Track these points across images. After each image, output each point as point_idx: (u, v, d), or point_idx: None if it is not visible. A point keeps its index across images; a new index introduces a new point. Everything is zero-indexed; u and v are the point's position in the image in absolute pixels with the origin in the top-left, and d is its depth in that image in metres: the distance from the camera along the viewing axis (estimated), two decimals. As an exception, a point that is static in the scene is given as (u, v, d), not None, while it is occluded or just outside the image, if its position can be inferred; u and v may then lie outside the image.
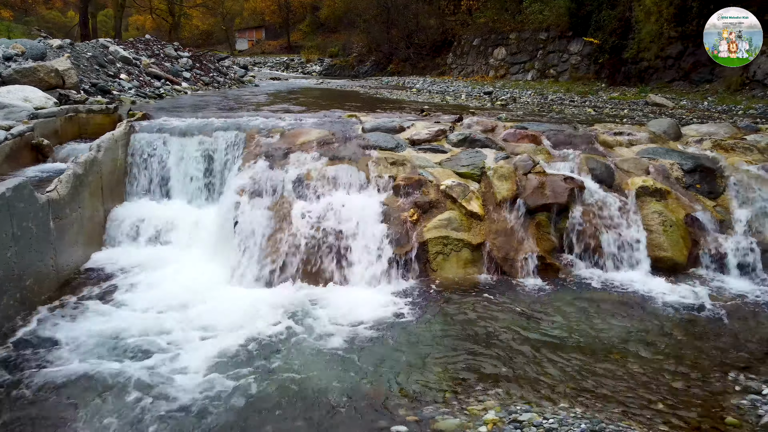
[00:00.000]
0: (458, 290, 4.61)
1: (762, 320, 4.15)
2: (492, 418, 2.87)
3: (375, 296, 4.47)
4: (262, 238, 4.82)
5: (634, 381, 3.32)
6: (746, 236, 5.04)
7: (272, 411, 3.02)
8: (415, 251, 4.83)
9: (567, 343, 3.80)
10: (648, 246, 4.96)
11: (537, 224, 5.08)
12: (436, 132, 6.21)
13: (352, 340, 3.81)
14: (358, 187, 5.35)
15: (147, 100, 9.84)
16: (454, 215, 5.05)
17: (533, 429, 2.77)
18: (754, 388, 3.17)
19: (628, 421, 2.89)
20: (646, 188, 5.27)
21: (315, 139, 6.04)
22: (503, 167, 5.44)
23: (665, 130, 6.55)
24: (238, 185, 5.33)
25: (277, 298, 4.36)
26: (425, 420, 2.90)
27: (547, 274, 4.86)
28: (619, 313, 4.27)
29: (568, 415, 2.91)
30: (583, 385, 3.27)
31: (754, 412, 2.95)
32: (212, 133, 6.26)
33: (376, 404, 3.08)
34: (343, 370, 3.43)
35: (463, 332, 3.94)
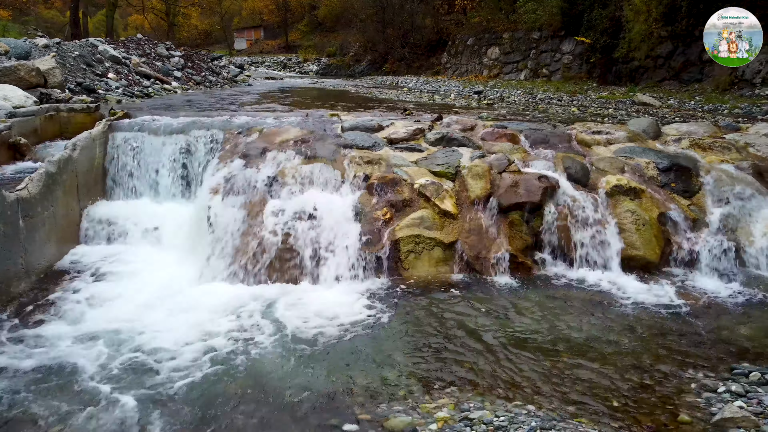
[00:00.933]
0: (428, 289, 4.61)
1: (728, 319, 4.15)
2: (443, 415, 2.87)
3: (344, 295, 4.47)
4: (233, 237, 4.83)
5: (592, 379, 3.32)
6: (719, 235, 5.04)
7: (228, 408, 3.02)
8: (386, 250, 4.83)
9: (532, 341, 3.80)
10: (620, 245, 4.96)
11: (510, 223, 5.08)
12: (413, 131, 6.21)
13: (316, 338, 3.81)
14: (332, 186, 5.36)
15: (134, 99, 9.85)
16: (426, 214, 5.05)
17: (483, 427, 2.77)
18: (710, 386, 3.17)
19: (580, 419, 2.89)
20: (620, 187, 5.27)
21: (293, 138, 6.05)
22: (478, 166, 5.44)
23: (644, 129, 6.55)
24: (212, 184, 5.34)
25: (245, 296, 4.37)
26: (377, 418, 2.90)
27: (519, 273, 4.86)
28: (587, 311, 4.27)
29: (521, 413, 2.91)
30: (541, 383, 3.27)
31: (708, 410, 2.95)
32: (191, 132, 6.27)
33: (332, 402, 3.08)
34: (304, 368, 3.43)
35: (429, 330, 3.95)
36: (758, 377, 3.19)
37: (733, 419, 2.78)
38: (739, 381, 3.20)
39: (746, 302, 4.43)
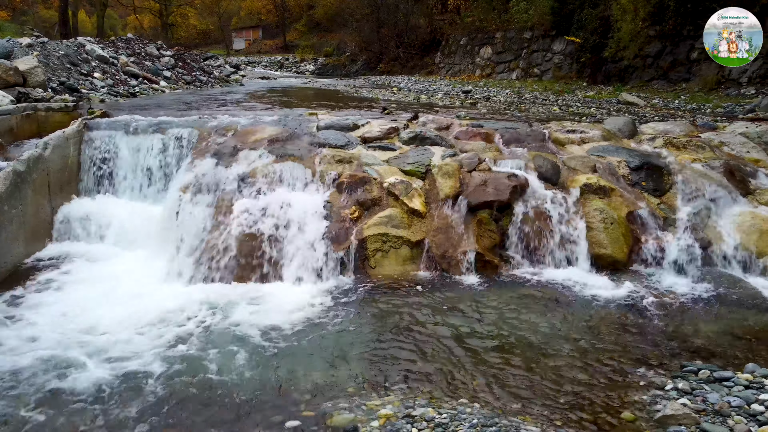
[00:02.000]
0: (393, 287, 4.62)
1: (689, 318, 4.15)
2: (386, 413, 2.87)
3: (308, 293, 4.48)
4: (199, 236, 4.83)
5: (544, 377, 3.32)
6: (687, 234, 5.04)
7: (174, 405, 3.03)
8: (353, 248, 4.83)
9: (489, 340, 3.80)
10: (588, 243, 4.96)
11: (478, 221, 5.08)
12: (387, 130, 6.22)
13: (275, 336, 3.82)
14: (302, 185, 5.36)
15: (118, 98, 9.86)
16: (395, 213, 5.06)
17: (424, 424, 2.77)
18: (658, 383, 3.17)
19: (524, 417, 2.90)
20: (590, 186, 5.27)
21: (267, 137, 6.06)
22: (448, 165, 5.44)
23: (620, 128, 6.56)
24: (182, 182, 5.35)
25: (209, 295, 4.37)
26: (321, 415, 2.91)
27: (486, 271, 4.86)
28: (549, 310, 4.28)
29: (465, 411, 2.91)
30: (492, 381, 3.27)
31: (653, 408, 2.95)
32: (166, 131, 6.28)
33: (279, 400, 3.09)
34: (258, 366, 3.44)
35: (388, 329, 3.95)
36: (707, 375, 3.20)
37: (675, 416, 2.78)
38: (688, 378, 3.20)
39: (710, 301, 4.44)
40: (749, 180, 5.63)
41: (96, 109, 7.23)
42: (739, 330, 3.95)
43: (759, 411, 2.77)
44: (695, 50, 12.68)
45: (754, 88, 10.82)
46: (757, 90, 10.68)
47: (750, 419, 2.72)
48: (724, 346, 3.71)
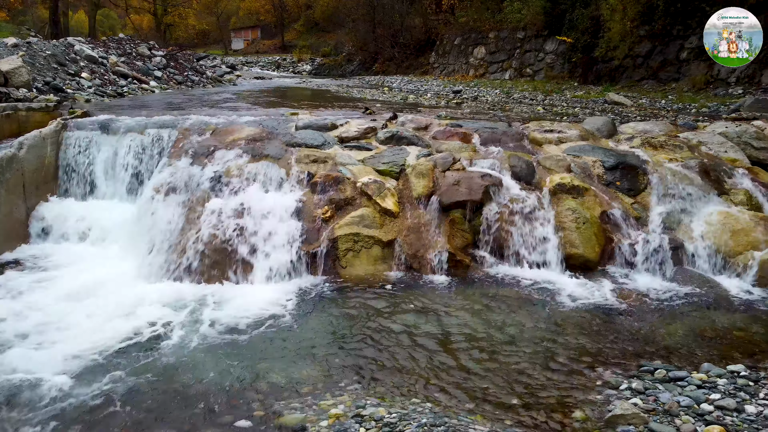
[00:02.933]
0: (363, 287, 4.62)
1: (655, 317, 4.15)
2: (337, 412, 2.88)
3: (276, 293, 4.48)
4: (171, 235, 4.84)
5: (502, 376, 3.32)
6: (660, 234, 5.04)
7: (130, 404, 3.03)
8: (324, 248, 4.83)
9: (453, 339, 3.80)
10: (560, 243, 4.96)
11: (451, 221, 5.08)
12: (365, 130, 6.22)
13: (236, 335, 3.82)
14: (276, 184, 5.36)
15: (104, 98, 9.87)
16: (367, 212, 5.06)
17: (373, 423, 2.77)
18: (613, 383, 3.17)
19: (475, 416, 2.90)
20: (563, 185, 5.27)
21: (245, 136, 6.06)
22: (422, 164, 5.44)
23: (599, 127, 6.55)
24: (157, 182, 5.36)
25: (176, 294, 4.38)
26: (272, 414, 2.91)
27: (457, 271, 4.86)
28: (517, 309, 4.27)
29: (416, 410, 2.91)
30: (449, 380, 3.27)
31: (605, 408, 2.94)
32: (145, 131, 6.29)
33: (234, 399, 3.09)
34: (216, 366, 3.44)
35: (353, 328, 3.95)
36: (663, 374, 3.19)
37: (624, 416, 2.78)
38: (644, 378, 3.20)
39: (679, 300, 4.43)
40: (725, 180, 5.63)
41: (77, 109, 7.23)
42: (703, 330, 3.95)
43: (707, 411, 2.77)
44: (685, 50, 12.68)
45: (741, 88, 10.81)
46: (744, 90, 10.67)
47: (698, 419, 2.72)
48: (686, 346, 3.71)
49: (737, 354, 3.56)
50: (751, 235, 4.86)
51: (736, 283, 4.65)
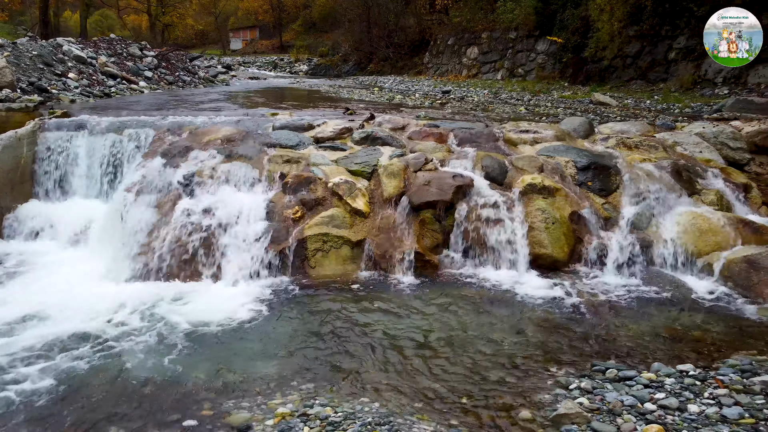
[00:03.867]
0: (330, 287, 4.63)
1: (618, 317, 4.16)
2: (284, 411, 2.89)
3: (244, 292, 4.50)
4: (140, 235, 4.86)
5: (455, 377, 3.33)
6: (629, 234, 5.05)
7: (81, 403, 3.05)
8: (292, 248, 4.85)
9: (413, 340, 3.81)
10: (528, 243, 4.97)
11: (421, 221, 5.10)
12: (340, 130, 6.24)
13: (199, 335, 3.84)
14: (249, 185, 5.38)
15: (90, 99, 9.90)
16: (337, 212, 5.07)
17: (318, 422, 2.79)
18: (563, 383, 3.18)
19: (421, 415, 2.91)
20: (534, 186, 5.28)
21: (221, 137, 6.08)
22: (393, 165, 5.46)
23: (575, 128, 6.57)
24: (129, 182, 5.38)
25: (143, 293, 4.40)
26: (220, 414, 2.93)
27: (426, 271, 4.88)
28: (481, 310, 4.29)
29: (363, 409, 2.93)
30: (402, 380, 3.29)
31: (553, 407, 2.96)
32: (123, 132, 6.31)
33: (185, 398, 3.10)
34: (175, 365, 3.45)
35: (316, 328, 3.97)
36: (614, 374, 3.21)
37: (568, 415, 2.79)
38: (595, 378, 3.21)
39: (644, 300, 4.45)
40: (697, 180, 5.64)
41: (57, 110, 7.27)
42: (664, 330, 3.96)
43: (650, 410, 2.79)
44: (673, 50, 12.69)
45: (727, 88, 10.82)
46: (730, 90, 10.68)
47: (639, 418, 2.73)
48: (644, 346, 3.71)
49: (692, 354, 3.57)
50: (719, 235, 4.87)
51: (702, 283, 4.65)
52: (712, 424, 2.67)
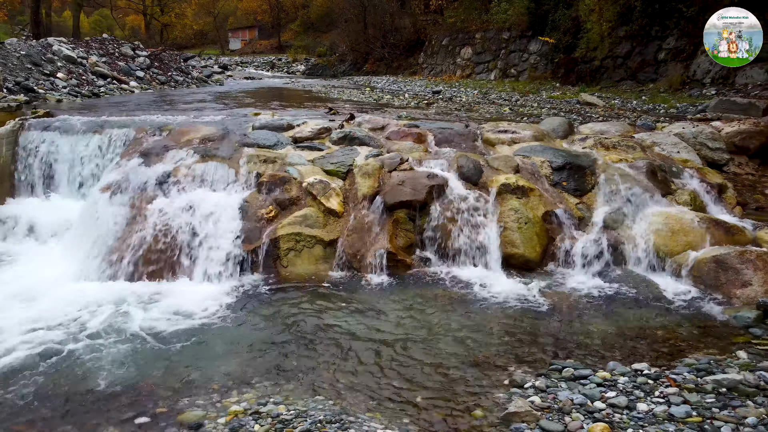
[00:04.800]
0: (301, 286, 4.65)
1: (585, 316, 4.18)
2: (236, 409, 2.91)
3: (215, 291, 4.52)
4: (113, 234, 4.88)
5: (413, 376, 3.34)
6: (600, 234, 5.06)
7: (38, 401, 3.07)
8: (265, 248, 4.87)
9: (378, 339, 3.83)
10: (501, 243, 4.99)
11: (395, 221, 5.11)
12: (319, 130, 6.26)
13: (165, 334, 3.85)
14: (224, 184, 5.41)
15: (78, 98, 9.93)
16: (311, 212, 5.09)
17: (269, 420, 2.81)
18: (519, 382, 3.19)
19: (373, 413, 2.93)
20: (508, 185, 5.29)
21: (200, 136, 6.10)
22: (368, 164, 5.48)
23: (554, 128, 6.59)
24: (105, 182, 5.40)
25: (114, 292, 4.42)
26: (173, 412, 2.95)
27: (397, 271, 4.89)
28: (449, 309, 4.30)
29: (316, 407, 2.95)
30: (360, 379, 3.30)
31: (505, 406, 2.97)
32: (104, 131, 6.34)
33: (142, 397, 3.12)
34: (136, 364, 3.47)
35: (282, 326, 3.99)
36: (570, 373, 3.22)
37: (518, 413, 2.81)
38: (551, 377, 3.22)
39: (612, 300, 4.46)
40: (672, 180, 5.66)
41: (40, 110, 7.29)
42: (629, 329, 3.97)
43: (599, 408, 2.80)
44: (663, 51, 12.71)
45: (715, 89, 10.84)
46: (717, 90, 10.69)
47: (587, 416, 2.75)
48: (607, 345, 3.73)
49: (653, 353, 3.58)
50: (690, 235, 4.89)
51: (672, 282, 4.67)
52: (659, 423, 2.69)
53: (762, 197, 5.87)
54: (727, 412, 2.76)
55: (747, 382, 3.07)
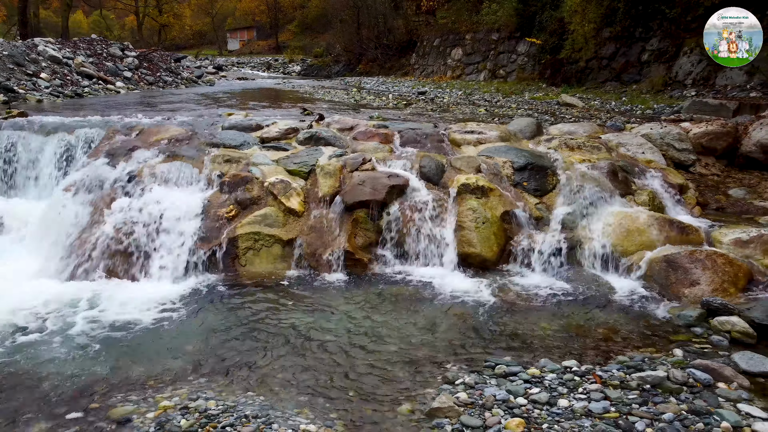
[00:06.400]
0: (258, 285, 4.70)
1: (533, 315, 4.21)
2: (167, 404, 2.96)
3: (172, 290, 4.56)
4: (73, 234, 4.93)
5: (352, 372, 3.39)
6: (557, 234, 5.11)
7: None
8: (223, 247, 4.92)
9: (326, 336, 3.87)
10: (458, 242, 5.03)
11: (354, 221, 5.16)
12: (286, 130, 6.31)
13: (116, 332, 3.89)
14: (187, 184, 5.46)
15: (60, 98, 9.99)
16: (270, 211, 5.14)
17: (197, 414, 2.86)
18: (450, 378, 3.24)
19: (302, 409, 2.98)
20: (468, 186, 5.34)
21: (168, 136, 6.16)
22: (331, 165, 5.53)
23: (522, 129, 6.63)
24: (69, 181, 5.46)
25: (71, 291, 4.47)
26: (105, 407, 2.99)
27: (355, 270, 4.94)
28: (401, 307, 4.35)
29: (246, 402, 3.00)
30: (296, 375, 3.34)
31: (433, 401, 3.01)
32: (74, 131, 6.39)
33: (79, 393, 3.16)
34: (79, 360, 3.51)
35: (233, 325, 4.03)
36: (502, 370, 3.27)
37: (441, 409, 2.86)
38: (483, 373, 3.27)
39: (564, 299, 4.50)
40: (633, 180, 5.70)
41: (14, 110, 7.35)
42: (574, 328, 4.01)
43: (520, 404, 2.85)
44: (646, 52, 12.76)
45: (695, 90, 10.88)
46: (697, 91, 10.74)
47: (507, 412, 2.79)
48: (548, 344, 3.77)
49: (591, 351, 3.62)
50: (644, 235, 4.93)
51: (625, 282, 4.71)
52: (576, 418, 2.73)
53: (723, 197, 5.91)
54: (646, 408, 2.81)
55: (675, 378, 3.12)
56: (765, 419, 2.78)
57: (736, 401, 2.94)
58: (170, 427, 2.76)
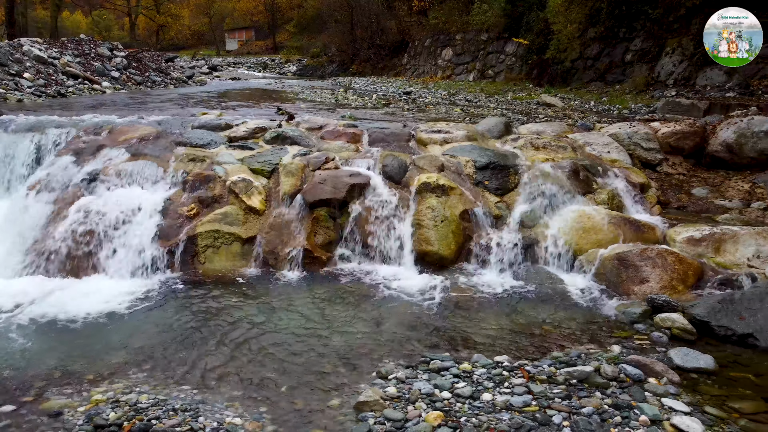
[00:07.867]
0: (215, 283, 4.74)
1: (484, 313, 4.25)
2: (99, 398, 3.01)
3: (127, 288, 4.60)
4: (36, 231, 4.98)
5: (292, 367, 3.43)
6: (515, 232, 5.15)
7: None
8: (182, 245, 4.97)
9: (274, 332, 3.91)
10: (416, 241, 5.08)
11: (314, 219, 5.20)
12: (254, 130, 6.36)
13: (66, 328, 3.94)
14: (151, 182, 5.50)
15: (42, 98, 10.04)
16: (231, 210, 5.19)
17: (126, 408, 2.91)
18: (384, 373, 3.28)
19: (232, 402, 3.02)
20: (428, 184, 5.38)
21: (138, 135, 6.20)
22: (293, 164, 5.57)
23: (490, 128, 6.68)
24: (33, 179, 5.51)
25: (28, 289, 4.50)
26: (39, 400, 3.04)
27: (314, 268, 4.99)
28: (354, 304, 4.39)
29: (178, 396, 3.04)
30: (236, 370, 3.38)
31: (359, 396, 3.05)
32: (45, 131, 6.43)
33: (18, 387, 3.21)
34: (26, 356, 3.55)
35: (185, 321, 4.06)
36: (436, 365, 3.31)
37: (367, 402, 2.90)
38: (418, 368, 3.31)
39: (517, 298, 4.54)
40: (595, 180, 5.74)
41: (-10, 109, 7.38)
42: (520, 325, 4.05)
43: (444, 398, 2.89)
44: (629, 52, 12.79)
45: (675, 90, 10.91)
46: (678, 91, 10.77)
47: (429, 405, 2.84)
48: (490, 340, 3.81)
49: (531, 347, 3.66)
50: (600, 233, 4.97)
51: (578, 280, 4.75)
52: (496, 412, 2.78)
53: (686, 196, 5.95)
54: (567, 402, 2.85)
55: (605, 374, 3.16)
56: (685, 413, 2.82)
57: (662, 396, 2.99)
58: (98, 420, 2.81)
